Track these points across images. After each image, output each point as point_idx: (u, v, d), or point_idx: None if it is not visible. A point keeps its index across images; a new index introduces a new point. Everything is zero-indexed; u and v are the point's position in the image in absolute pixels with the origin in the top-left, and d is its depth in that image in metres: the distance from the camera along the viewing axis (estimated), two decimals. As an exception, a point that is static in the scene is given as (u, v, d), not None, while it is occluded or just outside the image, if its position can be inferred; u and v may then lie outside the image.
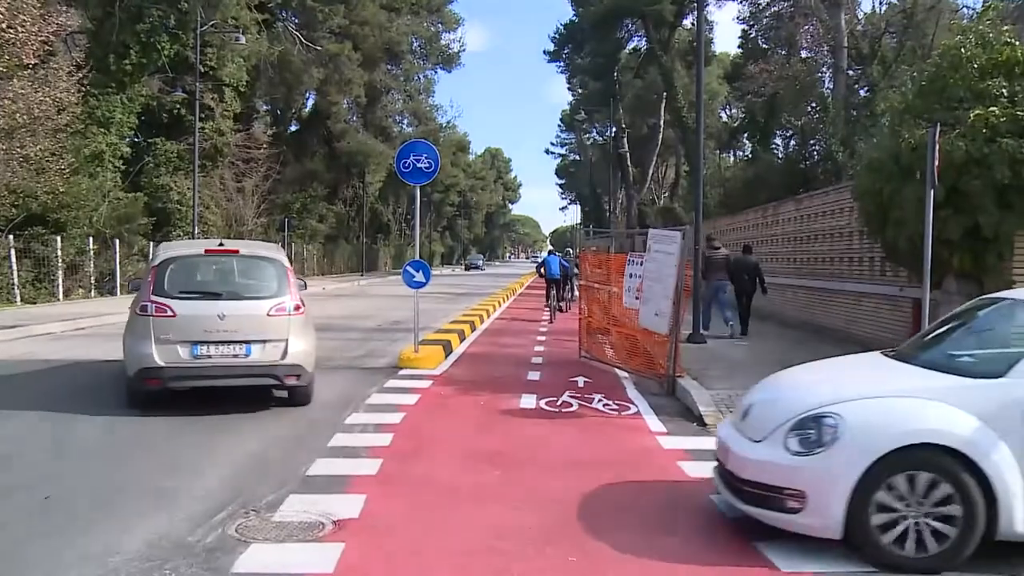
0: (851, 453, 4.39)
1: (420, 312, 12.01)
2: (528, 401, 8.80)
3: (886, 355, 5.41)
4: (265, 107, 44.49)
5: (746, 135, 34.85)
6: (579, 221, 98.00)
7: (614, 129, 49.16)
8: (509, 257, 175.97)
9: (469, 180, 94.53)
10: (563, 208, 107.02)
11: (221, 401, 8.10)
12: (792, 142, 28.91)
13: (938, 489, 4.33)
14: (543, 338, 15.33)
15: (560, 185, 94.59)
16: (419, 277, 11.29)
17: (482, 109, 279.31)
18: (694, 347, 12.51)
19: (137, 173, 28.86)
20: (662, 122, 47.04)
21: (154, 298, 7.62)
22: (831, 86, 27.08)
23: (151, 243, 26.39)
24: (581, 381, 10.23)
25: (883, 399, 4.58)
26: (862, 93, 26.13)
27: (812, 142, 25.64)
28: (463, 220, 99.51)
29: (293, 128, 48.47)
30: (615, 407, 8.65)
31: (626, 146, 50.74)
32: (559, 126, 79.39)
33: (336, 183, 50.48)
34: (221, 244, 8.42)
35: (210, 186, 31.98)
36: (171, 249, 8.27)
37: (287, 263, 8.31)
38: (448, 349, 12.71)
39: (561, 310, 20.69)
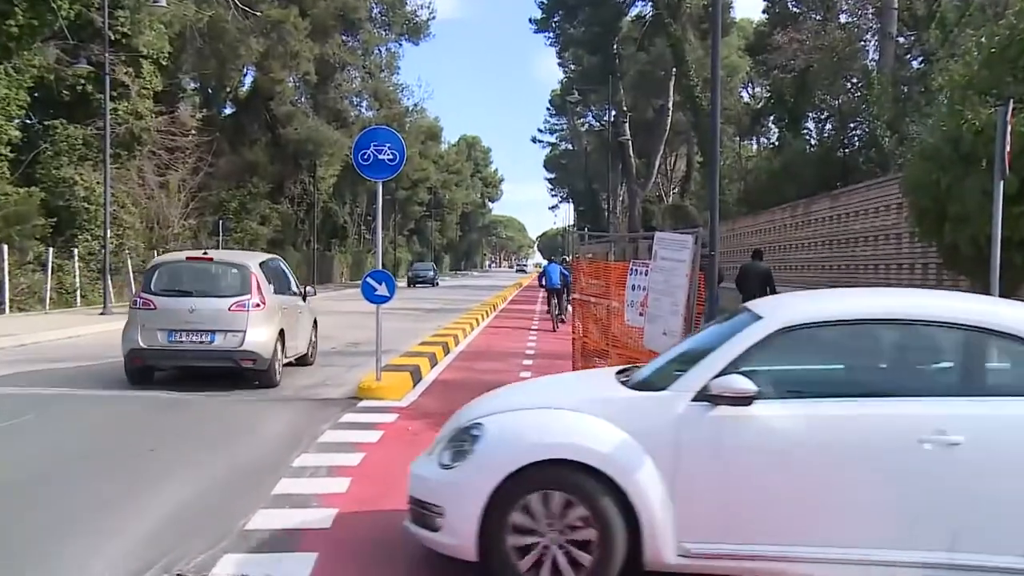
0: (483, 467, 4.73)
1: (384, 332, 12.08)
2: (513, 437, 8.96)
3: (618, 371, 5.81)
4: (193, 85, 44.46)
5: (772, 118, 35.16)
6: (572, 222, 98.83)
7: (613, 113, 49.56)
8: (489, 265, 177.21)
9: (441, 174, 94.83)
10: (553, 207, 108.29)
11: (148, 430, 8.20)
12: (828, 126, 29.23)
13: (573, 511, 4.61)
14: (529, 362, 15.53)
15: (550, 180, 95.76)
16: (382, 290, 11.37)
17: (456, 89, 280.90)
18: None
19: (31, 163, 28.36)
20: (671, 104, 47.48)
21: (142, 295, 11.96)
22: (876, 57, 27.34)
23: (50, 249, 26.18)
24: (577, 411, 10.39)
25: (532, 411, 4.97)
26: (915, 65, 26.39)
27: (852, 126, 25.92)
28: (434, 222, 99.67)
29: (228, 111, 48.56)
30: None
31: (628, 133, 51.14)
32: (548, 109, 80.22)
33: (281, 178, 50.56)
34: (205, 253, 13.02)
35: (126, 180, 31.73)
36: (160, 258, 13.09)
37: (254, 268, 12.14)
38: (417, 376, 12.80)
39: (563, 321, 23.06)
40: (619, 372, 5.81)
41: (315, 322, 14.64)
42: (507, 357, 16.12)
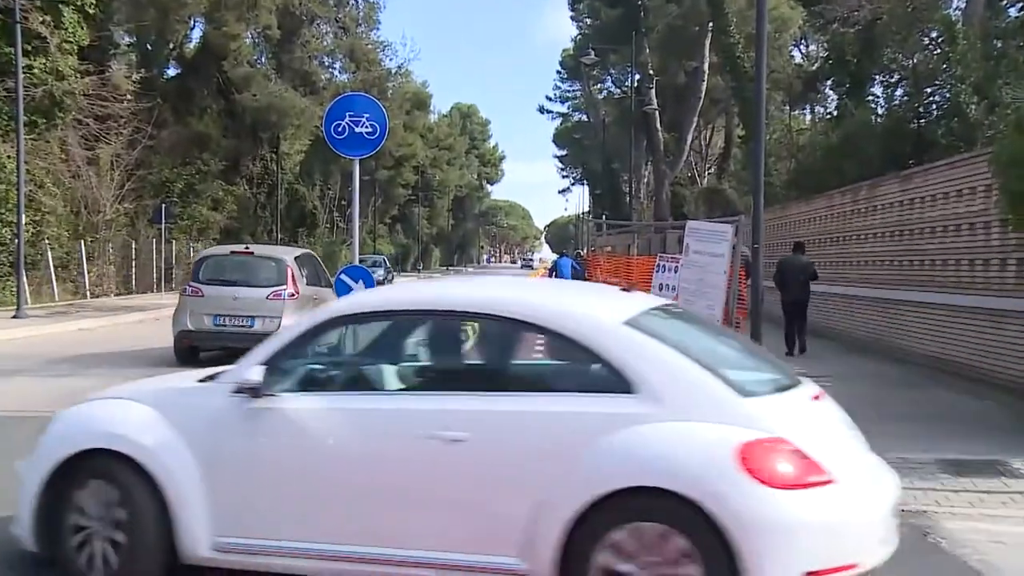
0: (42, 454, 5.71)
1: None
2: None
3: None
4: (128, 40, 44.36)
5: (830, 83, 34.81)
6: (587, 209, 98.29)
7: (637, 77, 49.38)
8: (488, 260, 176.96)
9: (430, 151, 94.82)
10: (564, 191, 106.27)
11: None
12: (899, 91, 28.96)
13: (114, 498, 5.50)
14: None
15: (560, 158, 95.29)
16: (358, 289, 11.40)
17: (448, 48, 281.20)
18: None
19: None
20: (706, 66, 47.36)
21: (192, 284, 16.29)
22: (962, 5, 27.00)
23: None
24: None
25: (103, 400, 6.02)
26: (1012, 13, 26.02)
27: (930, 90, 25.67)
28: (421, 208, 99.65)
29: (172, 72, 48.46)
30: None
31: (654, 101, 51.00)
32: (559, 73, 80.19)
33: (237, 154, 50.51)
34: (247, 248, 17.52)
35: (45, 154, 31.58)
36: (208, 251, 18.21)
37: (290, 262, 16.35)
38: None
39: None
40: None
41: None
42: None
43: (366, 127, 11.81)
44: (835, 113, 32.66)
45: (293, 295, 16.27)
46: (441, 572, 5.06)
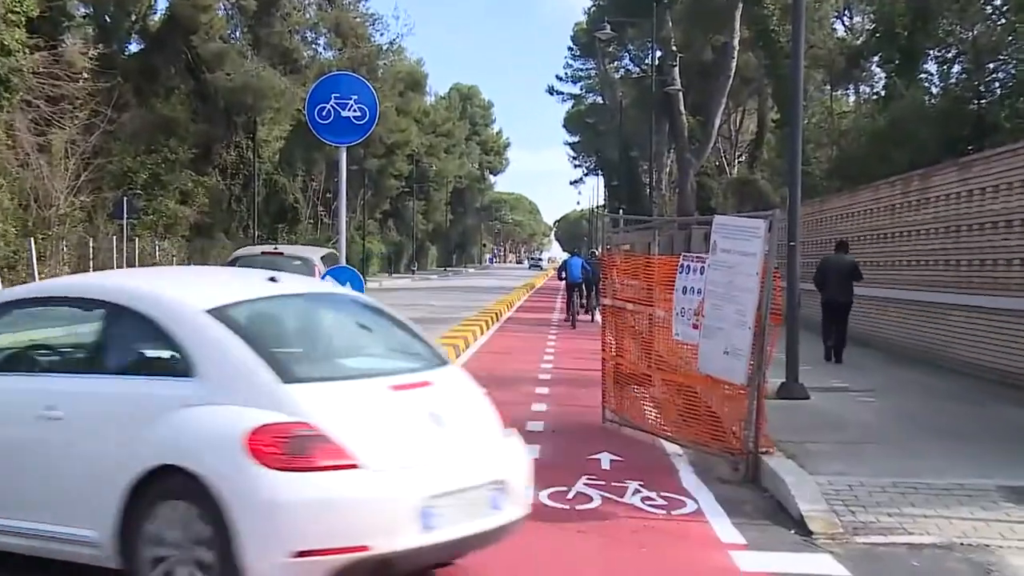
0: None
1: None
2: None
3: None
4: (84, 11, 44.29)
5: (877, 59, 34.61)
6: (602, 202, 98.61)
7: (659, 54, 49.35)
8: (491, 259, 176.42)
9: (426, 137, 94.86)
10: (576, 181, 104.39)
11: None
12: (956, 68, 28.68)
13: None
14: (544, 389, 15.78)
15: (571, 145, 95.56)
16: None
17: (446, 22, 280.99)
18: (789, 405, 12.92)
19: None
20: (736, 41, 47.32)
21: None
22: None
23: None
24: (606, 460, 10.57)
25: None
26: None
27: (992, 67, 25.47)
28: (416, 201, 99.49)
29: (134, 48, 48.45)
30: (661, 502, 8.88)
31: (678, 81, 50.90)
32: (570, 50, 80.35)
33: (209, 140, 50.55)
34: (276, 248, 19.84)
35: (-10, 140, 31.58)
36: (241, 251, 20.73)
37: (316, 261, 18.15)
38: None
39: (585, 310, 31.55)
40: None
41: None
42: (516, 383, 16.23)
43: (354, 111, 11.73)
44: (883, 93, 32.59)
45: None
46: (28, 539, 6.14)
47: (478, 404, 6.66)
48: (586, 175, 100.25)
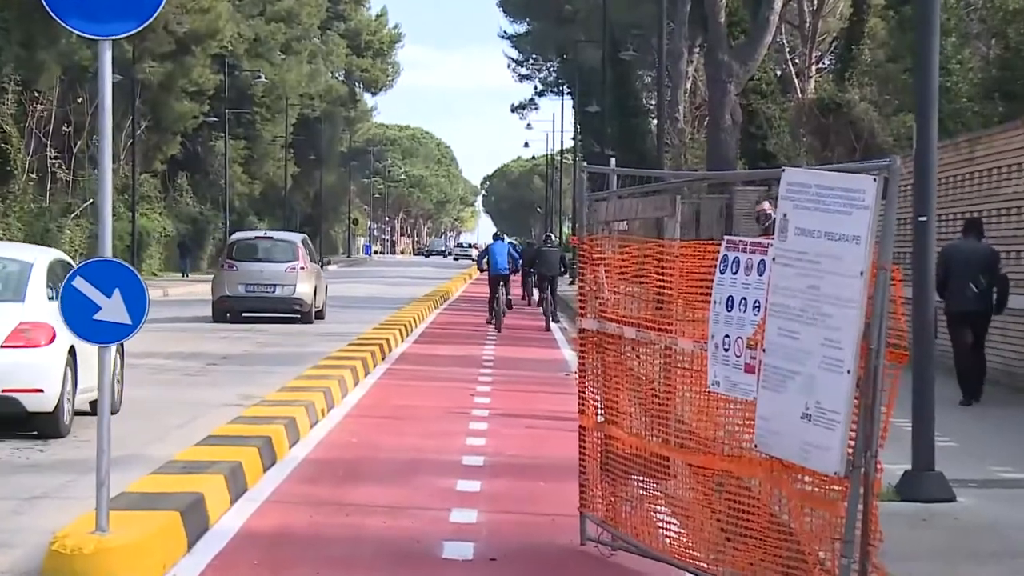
0: None
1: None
2: None
3: None
4: None
5: None
6: (569, 143, 67.22)
7: None
8: (368, 248, 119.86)
9: (249, 23, 64.58)
10: (522, 106, 75.23)
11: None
12: None
13: None
14: (473, 483, 11.47)
15: (514, 40, 60.42)
16: (112, 309, 8.83)
17: None
18: (919, 513, 9.65)
19: None
20: None
21: (228, 260, 32.02)
22: None
23: None
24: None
25: None
26: None
27: None
28: (232, 142, 65.29)
29: None
30: None
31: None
32: None
33: None
34: (266, 234, 36.61)
35: None
36: (238, 234, 39.00)
37: (299, 243, 31.96)
38: (196, 519, 9.53)
39: (536, 306, 32.60)
40: None
41: (325, 284, 32.51)
42: (419, 471, 12.28)
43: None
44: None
45: (303, 268, 30.04)
46: None
47: None
48: (540, 94, 66.01)
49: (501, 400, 17.46)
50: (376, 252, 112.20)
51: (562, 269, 31.77)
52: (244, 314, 29.88)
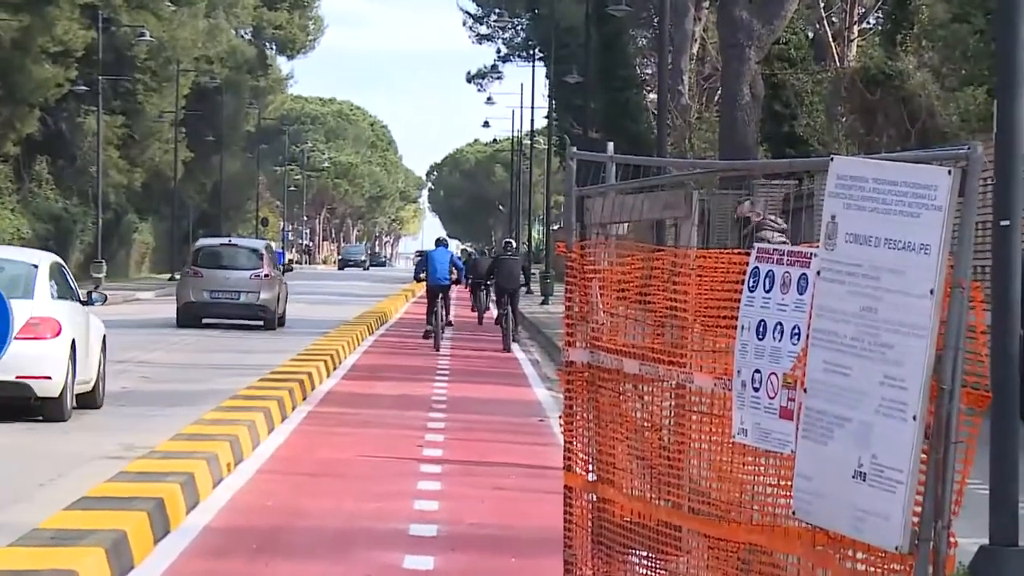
0: None
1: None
2: None
3: None
4: None
5: None
6: (545, 124, 57.07)
7: None
8: (281, 256, 57.47)
9: None
10: (482, 75, 67.96)
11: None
12: None
13: None
14: (424, 559, 10.00)
15: None
16: None
17: None
18: None
19: None
20: None
21: (192, 267, 34.79)
22: None
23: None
24: None
25: None
26: None
27: None
28: (107, 117, 54.90)
29: None
30: None
31: None
32: None
33: None
34: (230, 240, 44.14)
35: None
36: (203, 240, 41.83)
37: (263, 250, 35.28)
38: None
39: (495, 324, 28.91)
40: None
41: (286, 290, 36.00)
42: (354, 547, 10.74)
43: None
44: None
45: (267, 275, 32.23)
46: None
47: None
48: (505, 60, 57.70)
49: (458, 451, 15.31)
50: (291, 261, 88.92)
51: (523, 281, 30.62)
52: (205, 320, 32.11)
